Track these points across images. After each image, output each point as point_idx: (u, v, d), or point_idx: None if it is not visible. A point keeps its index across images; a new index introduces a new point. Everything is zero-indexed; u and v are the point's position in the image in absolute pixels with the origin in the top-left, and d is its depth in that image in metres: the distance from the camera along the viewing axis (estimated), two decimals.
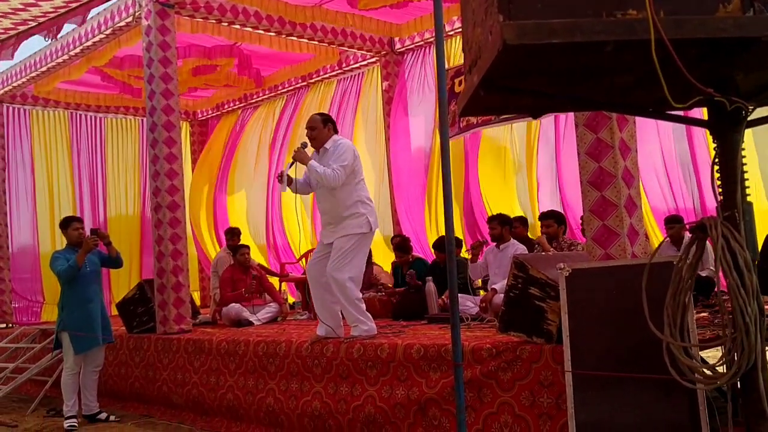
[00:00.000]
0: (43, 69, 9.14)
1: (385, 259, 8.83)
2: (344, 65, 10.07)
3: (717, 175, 1.76)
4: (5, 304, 10.00)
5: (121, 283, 10.87)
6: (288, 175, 5.23)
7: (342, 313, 5.23)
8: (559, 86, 1.58)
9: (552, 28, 1.33)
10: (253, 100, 11.60)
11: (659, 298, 2.06)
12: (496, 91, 1.55)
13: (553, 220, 6.29)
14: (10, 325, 9.92)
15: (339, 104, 10.25)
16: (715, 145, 1.79)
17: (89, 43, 8.26)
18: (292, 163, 5.21)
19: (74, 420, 6.15)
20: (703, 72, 1.54)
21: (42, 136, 10.96)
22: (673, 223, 6.63)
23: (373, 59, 9.70)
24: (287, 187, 5.26)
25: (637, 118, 4.31)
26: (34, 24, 5.40)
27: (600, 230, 3.97)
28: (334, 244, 5.13)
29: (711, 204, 7.26)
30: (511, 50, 1.34)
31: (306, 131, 5.31)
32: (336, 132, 5.34)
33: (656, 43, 1.37)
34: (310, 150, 5.30)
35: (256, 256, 10.04)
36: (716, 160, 1.78)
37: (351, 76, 10.24)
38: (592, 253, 4.02)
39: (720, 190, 1.81)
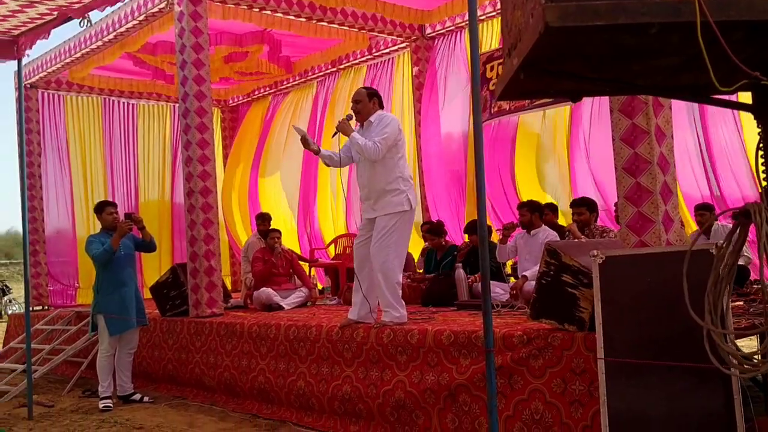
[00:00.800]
0: (77, 55, 9.26)
1: (413, 245, 8.82)
2: (374, 51, 10.05)
3: (761, 160, 1.73)
4: (41, 287, 10.20)
5: (152, 267, 11.03)
6: (312, 140, 5.32)
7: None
8: (600, 69, 1.56)
9: (595, 9, 1.31)
10: (284, 87, 11.64)
11: (693, 285, 2.04)
12: (536, 74, 1.53)
13: (585, 207, 6.23)
14: (46, 307, 10.13)
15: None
16: (759, 129, 1.76)
17: (123, 29, 8.35)
18: (335, 134, 5.28)
19: (109, 400, 6.28)
20: (749, 55, 1.51)
21: (76, 121, 11.12)
22: (703, 210, 6.52)
23: (404, 44, 9.66)
24: (320, 153, 5.33)
25: (673, 104, 4.25)
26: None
27: (634, 217, 3.93)
28: (376, 223, 5.13)
29: (728, 192, 7.19)
30: (553, 33, 1.32)
31: (351, 105, 5.36)
32: (381, 107, 5.37)
33: (702, 25, 1.35)
34: (354, 124, 5.35)
35: (287, 242, 10.10)
36: (761, 145, 1.74)
37: (381, 61, 10.22)
38: (626, 241, 3.98)
39: (764, 175, 1.77)
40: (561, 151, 8.25)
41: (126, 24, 8.25)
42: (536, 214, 6.35)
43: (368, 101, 5.27)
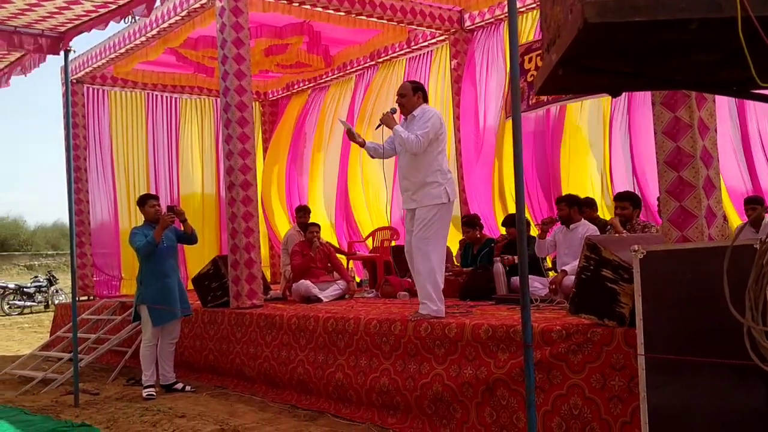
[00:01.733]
0: (122, 51, 9.44)
1: (452, 239, 8.82)
2: (413, 44, 10.05)
3: None
4: (87, 277, 10.46)
5: (196, 260, 11.24)
6: (357, 133, 5.43)
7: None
8: (639, 65, 1.55)
9: (634, 5, 1.31)
10: (323, 80, 11.70)
11: (737, 282, 2.01)
12: (575, 70, 1.53)
13: (629, 202, 6.09)
14: (92, 297, 10.38)
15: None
16: None
17: (165, 24, 8.50)
18: (379, 125, 5.40)
19: (152, 389, 6.42)
20: None
21: (119, 115, 11.35)
22: (754, 204, 6.39)
23: (442, 37, 9.63)
24: (365, 145, 5.45)
25: (717, 97, 4.18)
26: (114, 7, 5.57)
27: (677, 212, 3.88)
28: (417, 215, 5.21)
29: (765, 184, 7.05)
30: (592, 29, 1.32)
31: (396, 98, 5.45)
32: (426, 101, 5.44)
33: (743, 20, 1.33)
34: (398, 117, 5.44)
35: (326, 235, 10.18)
36: None
37: (420, 54, 10.21)
38: (668, 235, 3.94)
39: None
40: (601, 144, 8.15)
41: (169, 20, 8.38)
42: (575, 208, 6.29)
43: (413, 95, 5.35)
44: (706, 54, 1.49)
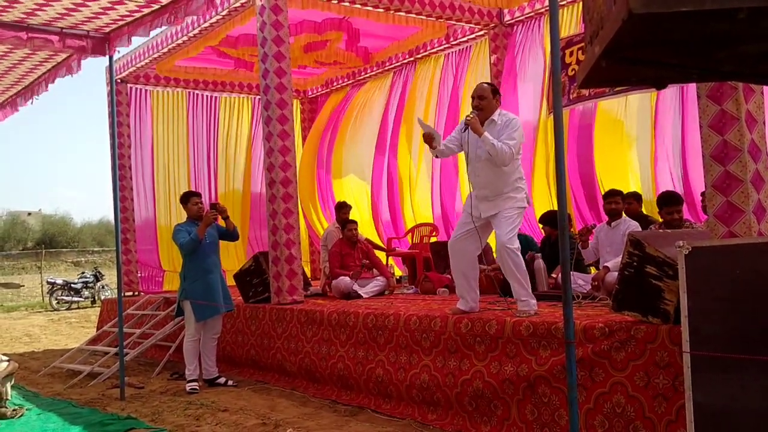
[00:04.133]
0: (164, 50, 9.58)
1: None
2: (452, 39, 10.00)
3: None
4: (132, 273, 10.65)
5: (229, 255, 11.40)
6: (438, 136, 5.29)
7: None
8: (685, 56, 1.52)
9: None
10: (361, 77, 11.72)
11: None
12: (618, 62, 1.50)
13: (680, 206, 5.77)
14: (137, 293, 10.58)
15: (447, 79, 10.20)
16: None
17: (206, 24, 8.60)
18: (465, 128, 5.21)
19: (195, 383, 6.52)
20: None
21: (161, 114, 11.52)
22: None
23: (482, 32, 9.57)
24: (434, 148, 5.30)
25: (766, 89, 4.07)
26: (157, 7, 5.65)
27: (723, 207, 3.80)
28: (501, 214, 5.12)
29: None
30: (637, 19, 1.29)
31: (473, 100, 5.28)
32: (500, 104, 5.34)
33: None
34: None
35: (364, 231, 10.21)
36: None
37: (459, 50, 10.15)
38: (714, 231, 3.85)
39: None
40: (646, 139, 8.00)
41: (210, 19, 8.48)
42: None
43: (492, 98, 5.23)
44: (755, 45, 1.45)
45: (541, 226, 7.43)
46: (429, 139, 5.22)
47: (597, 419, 4.00)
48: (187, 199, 6.83)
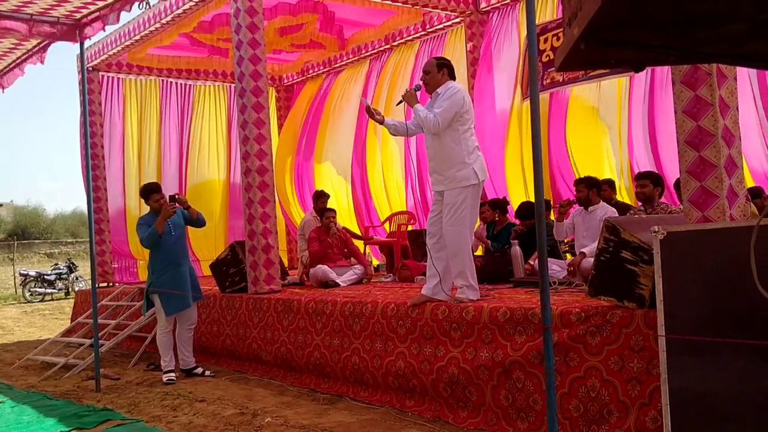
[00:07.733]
0: (137, 38, 9.43)
1: None
2: (428, 26, 9.96)
3: None
4: (106, 264, 10.51)
5: (207, 246, 11.30)
6: (374, 108, 5.34)
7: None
8: (665, 37, 1.51)
9: None
10: (337, 65, 11.65)
11: (760, 263, 1.97)
12: (598, 44, 1.49)
13: (648, 180, 5.97)
14: (111, 284, 10.45)
15: (422, 66, 10.17)
16: None
17: (180, 10, 8.47)
18: (400, 102, 5.28)
19: (172, 374, 6.47)
20: None
21: (134, 103, 11.36)
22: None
23: (458, 19, 9.54)
24: (384, 122, 5.35)
25: (739, 75, 4.10)
26: None
27: (697, 192, 3.83)
28: (445, 199, 5.06)
29: None
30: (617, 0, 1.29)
31: (422, 75, 5.28)
32: (452, 78, 5.25)
33: None
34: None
35: (342, 220, 10.18)
36: None
37: (434, 36, 10.12)
38: (688, 216, 3.89)
39: None
40: (618, 125, 8.05)
41: (183, 6, 8.36)
42: (593, 190, 6.22)
43: (437, 72, 5.17)
44: (736, 25, 1.45)
45: (516, 217, 7.44)
46: (370, 113, 5.29)
47: (572, 403, 4.03)
48: (147, 195, 6.67)
